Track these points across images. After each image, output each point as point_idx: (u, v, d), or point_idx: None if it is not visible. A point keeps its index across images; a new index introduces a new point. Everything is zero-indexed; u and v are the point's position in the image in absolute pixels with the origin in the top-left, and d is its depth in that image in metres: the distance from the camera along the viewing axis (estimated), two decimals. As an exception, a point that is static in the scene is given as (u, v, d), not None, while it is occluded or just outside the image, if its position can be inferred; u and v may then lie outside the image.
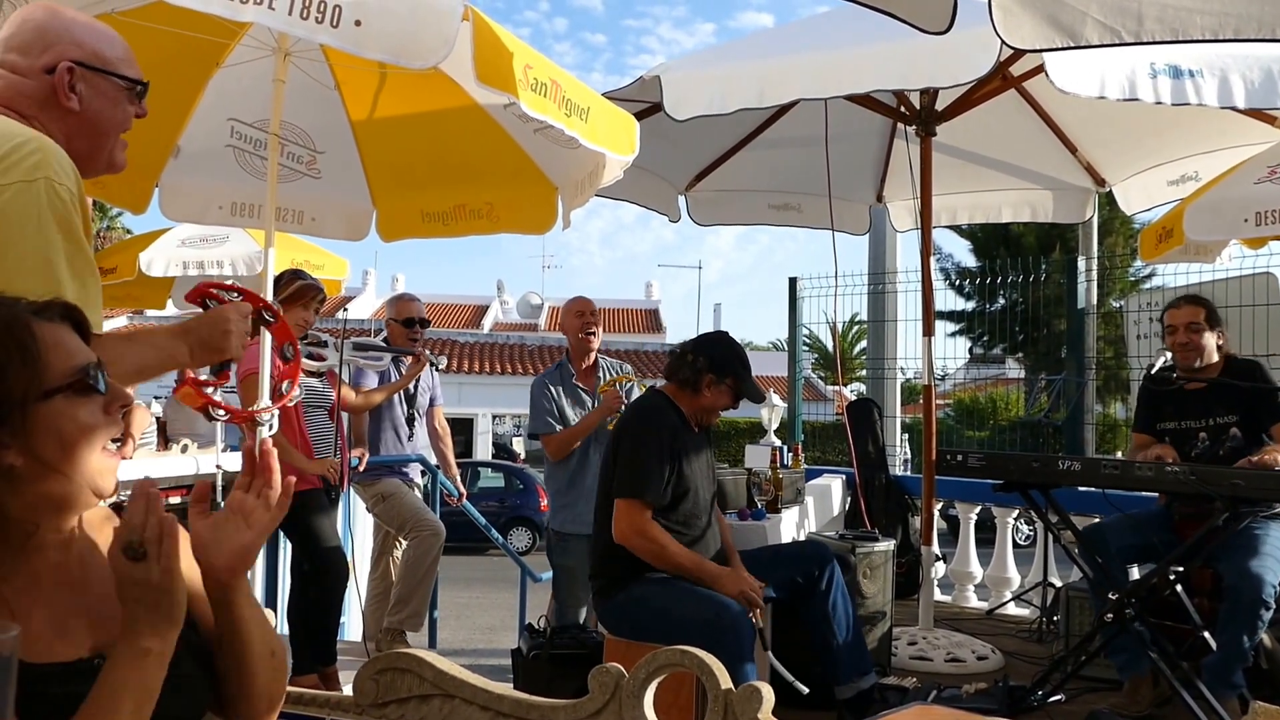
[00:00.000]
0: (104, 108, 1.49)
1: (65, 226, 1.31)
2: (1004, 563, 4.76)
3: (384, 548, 4.64)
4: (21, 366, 0.96)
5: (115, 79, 1.49)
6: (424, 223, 3.85)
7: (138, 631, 0.94)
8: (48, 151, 1.33)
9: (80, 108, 1.46)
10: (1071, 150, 4.65)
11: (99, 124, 1.49)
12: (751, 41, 3.97)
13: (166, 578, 0.93)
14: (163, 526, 0.92)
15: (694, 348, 2.90)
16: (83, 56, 1.46)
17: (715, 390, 2.83)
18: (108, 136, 1.51)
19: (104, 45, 1.50)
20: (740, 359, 2.87)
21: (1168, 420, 3.25)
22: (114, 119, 1.51)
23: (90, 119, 1.47)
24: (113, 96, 1.50)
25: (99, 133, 1.49)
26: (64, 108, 1.44)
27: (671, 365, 2.92)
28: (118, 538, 0.94)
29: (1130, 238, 14.28)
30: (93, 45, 1.48)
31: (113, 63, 1.49)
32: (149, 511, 0.92)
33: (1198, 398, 3.19)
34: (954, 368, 14.41)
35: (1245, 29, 1.79)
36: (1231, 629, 2.77)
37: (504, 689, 1.32)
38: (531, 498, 15.50)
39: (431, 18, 2.13)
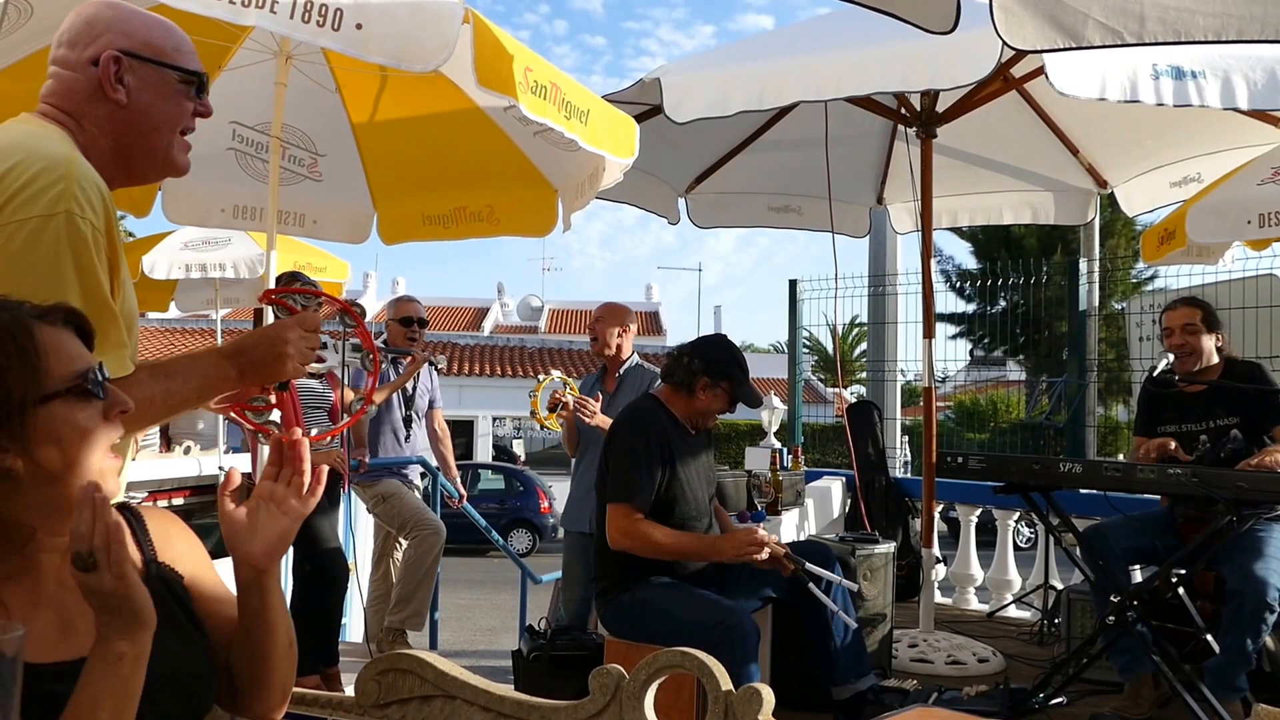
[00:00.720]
0: (155, 100, 1.37)
1: (84, 272, 1.21)
2: (1005, 565, 4.76)
3: (385, 549, 4.64)
4: (21, 370, 0.96)
5: (167, 69, 1.38)
6: (425, 225, 3.85)
7: (107, 636, 0.93)
8: (71, 180, 1.22)
9: (128, 100, 1.35)
10: (1073, 152, 4.64)
11: (149, 118, 1.37)
12: (752, 43, 3.97)
13: (120, 584, 0.91)
14: (109, 533, 0.90)
15: (690, 350, 2.88)
16: (131, 46, 1.35)
17: (710, 393, 2.82)
18: (160, 133, 1.39)
19: (156, 34, 1.39)
20: (736, 362, 2.85)
21: (1168, 423, 3.25)
22: (166, 113, 1.39)
23: (140, 113, 1.36)
24: (165, 89, 1.38)
25: (150, 128, 1.38)
26: (111, 100, 1.34)
27: (667, 367, 2.91)
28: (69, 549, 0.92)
29: (1132, 239, 14.28)
30: (144, 34, 1.37)
31: (166, 53, 1.39)
32: (95, 518, 0.90)
33: (1198, 400, 3.18)
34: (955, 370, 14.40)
35: (1248, 30, 1.79)
36: (1235, 632, 2.77)
37: (505, 690, 1.32)
38: (532, 500, 15.50)
39: (432, 21, 2.13)
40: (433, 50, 2.12)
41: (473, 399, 20.75)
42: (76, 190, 1.22)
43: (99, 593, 0.91)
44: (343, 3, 2.05)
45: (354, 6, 2.06)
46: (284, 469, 1.14)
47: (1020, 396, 14.75)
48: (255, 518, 1.11)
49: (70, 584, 1.02)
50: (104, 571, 0.90)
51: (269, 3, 1.97)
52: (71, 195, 1.21)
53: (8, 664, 0.77)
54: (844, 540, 3.67)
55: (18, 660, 0.78)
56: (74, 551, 0.90)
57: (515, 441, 22.90)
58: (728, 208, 5.13)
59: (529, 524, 15.27)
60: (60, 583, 1.02)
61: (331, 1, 2.04)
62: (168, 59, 1.39)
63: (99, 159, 1.35)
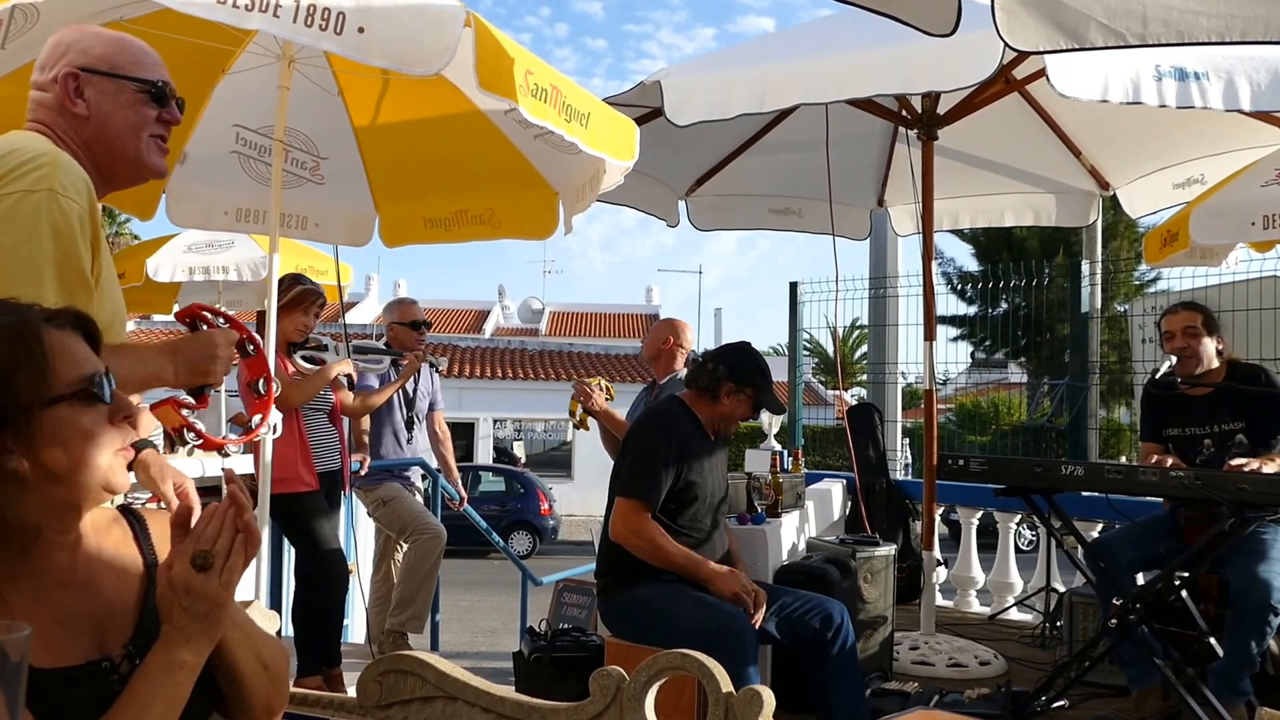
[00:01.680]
0: (113, 110, 1.48)
1: (61, 238, 1.32)
2: (1006, 568, 4.75)
3: (386, 550, 4.64)
4: (29, 372, 0.96)
5: (123, 80, 1.49)
6: (426, 228, 3.86)
7: (175, 643, 0.95)
8: (57, 166, 1.35)
9: (89, 112, 1.47)
10: (1075, 153, 4.64)
11: (110, 127, 1.49)
12: (752, 46, 3.97)
13: (224, 592, 0.96)
14: (234, 543, 0.97)
15: (715, 356, 2.91)
16: (88, 62, 1.47)
17: (734, 399, 2.84)
18: (123, 139, 1.50)
19: (114, 50, 1.50)
20: (761, 370, 2.88)
21: (1172, 426, 3.24)
22: (127, 121, 1.50)
23: (100, 123, 1.48)
24: (123, 99, 1.49)
25: (112, 136, 1.49)
26: (73, 114, 1.46)
27: (692, 372, 2.94)
28: (185, 545, 0.97)
29: (1135, 241, 14.27)
30: (100, 50, 1.49)
31: (121, 65, 1.49)
32: (224, 528, 0.97)
33: (1202, 404, 3.17)
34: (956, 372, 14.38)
35: (1252, 31, 1.79)
36: (1239, 635, 2.76)
37: (506, 691, 1.32)
38: (532, 502, 15.50)
39: (434, 25, 2.14)
40: (434, 54, 2.12)
41: (473, 401, 20.76)
42: (60, 174, 1.34)
43: (201, 595, 0.95)
44: (345, 7, 2.05)
45: (356, 10, 2.06)
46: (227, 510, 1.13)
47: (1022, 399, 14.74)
48: None
49: (74, 586, 1.02)
50: (215, 576, 0.95)
51: (272, 7, 1.98)
52: (54, 178, 1.33)
53: (12, 665, 0.77)
54: (844, 543, 3.67)
55: (23, 661, 0.78)
56: (196, 550, 0.96)
57: (516, 444, 22.92)
58: (728, 210, 5.13)
59: (529, 526, 15.26)
60: (64, 585, 1.02)
61: (334, 5, 2.04)
62: (122, 71, 1.50)
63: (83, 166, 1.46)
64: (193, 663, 0.96)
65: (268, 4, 1.98)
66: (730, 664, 1.30)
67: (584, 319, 30.98)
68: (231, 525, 0.98)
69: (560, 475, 20.82)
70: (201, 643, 0.97)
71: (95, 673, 0.98)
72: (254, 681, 1.12)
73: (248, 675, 1.11)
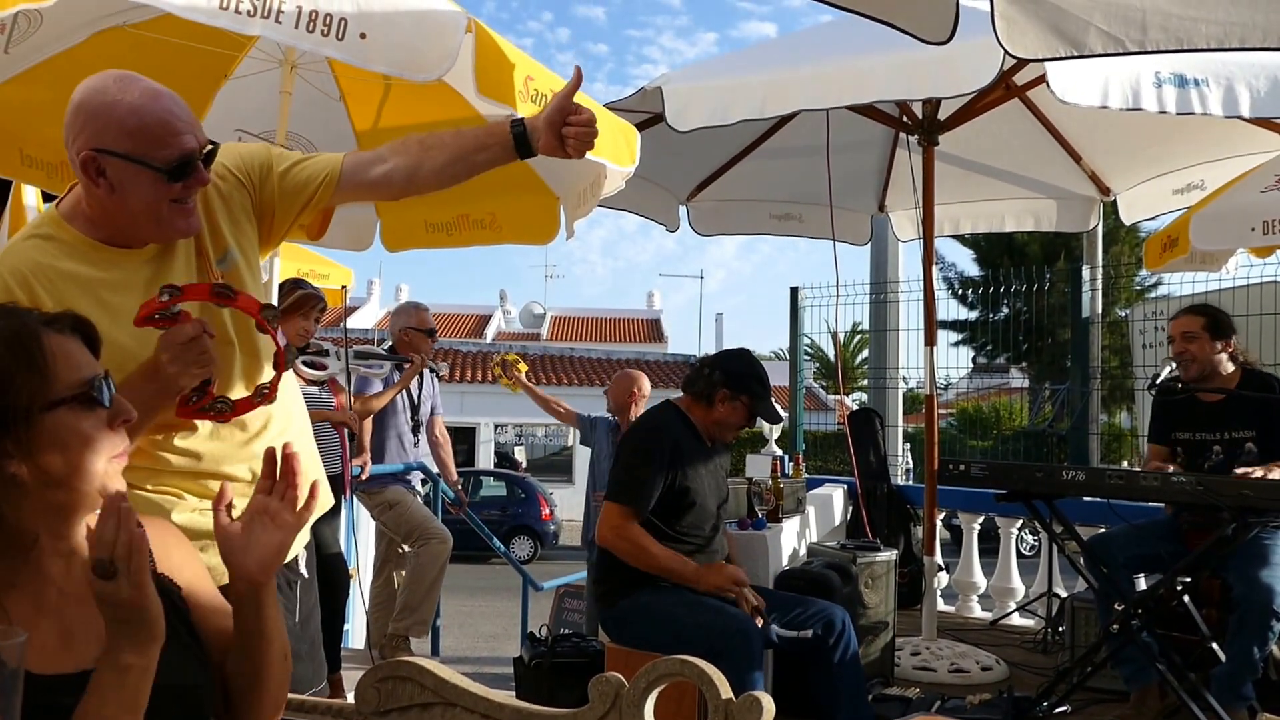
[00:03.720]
0: (135, 192, 1.43)
1: None
2: (1008, 573, 4.74)
3: (388, 555, 4.64)
4: (28, 376, 0.96)
5: (140, 165, 1.42)
6: (427, 233, 3.86)
7: (117, 647, 0.93)
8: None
9: (113, 190, 1.43)
10: (1076, 159, 4.65)
11: (131, 204, 1.44)
12: (754, 52, 3.98)
13: (138, 594, 0.91)
14: (132, 543, 0.91)
15: (712, 362, 2.91)
16: (104, 144, 1.41)
17: (729, 406, 2.83)
18: (145, 216, 1.46)
19: (132, 129, 1.41)
20: (758, 378, 2.87)
21: (1181, 430, 3.22)
22: (145, 200, 1.44)
23: (123, 200, 1.44)
24: (142, 179, 1.43)
25: (135, 212, 1.45)
26: (96, 194, 1.44)
27: (689, 377, 2.94)
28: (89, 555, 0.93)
29: (1136, 246, 14.27)
30: (116, 131, 1.40)
31: (139, 150, 1.42)
32: (119, 528, 0.91)
33: (1213, 410, 3.15)
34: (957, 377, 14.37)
35: (1250, 38, 1.79)
36: (1241, 640, 2.76)
37: (505, 697, 1.32)
38: (533, 507, 15.48)
39: (435, 31, 2.14)
40: (436, 60, 2.13)
41: (474, 406, 20.74)
42: None
43: (115, 602, 0.91)
44: (347, 12, 2.06)
45: (358, 16, 2.06)
46: (278, 482, 1.13)
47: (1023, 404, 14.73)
48: (250, 532, 1.10)
49: (72, 593, 1.02)
50: (123, 581, 0.90)
51: (274, 13, 1.98)
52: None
53: (9, 672, 0.77)
54: (845, 548, 3.66)
55: (19, 668, 0.78)
56: (95, 559, 0.90)
57: (517, 449, 22.90)
58: (729, 215, 5.14)
59: (530, 531, 15.23)
60: (63, 592, 1.02)
61: (336, 11, 2.05)
62: (140, 155, 1.41)
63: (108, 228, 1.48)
64: (140, 664, 0.93)
65: (270, 10, 1.99)
66: (734, 668, 1.30)
67: (586, 324, 30.98)
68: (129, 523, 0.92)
69: (561, 480, 20.80)
70: (143, 645, 0.93)
71: None
72: (276, 670, 1.13)
73: (275, 663, 1.12)
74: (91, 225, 1.48)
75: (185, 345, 1.39)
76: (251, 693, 1.12)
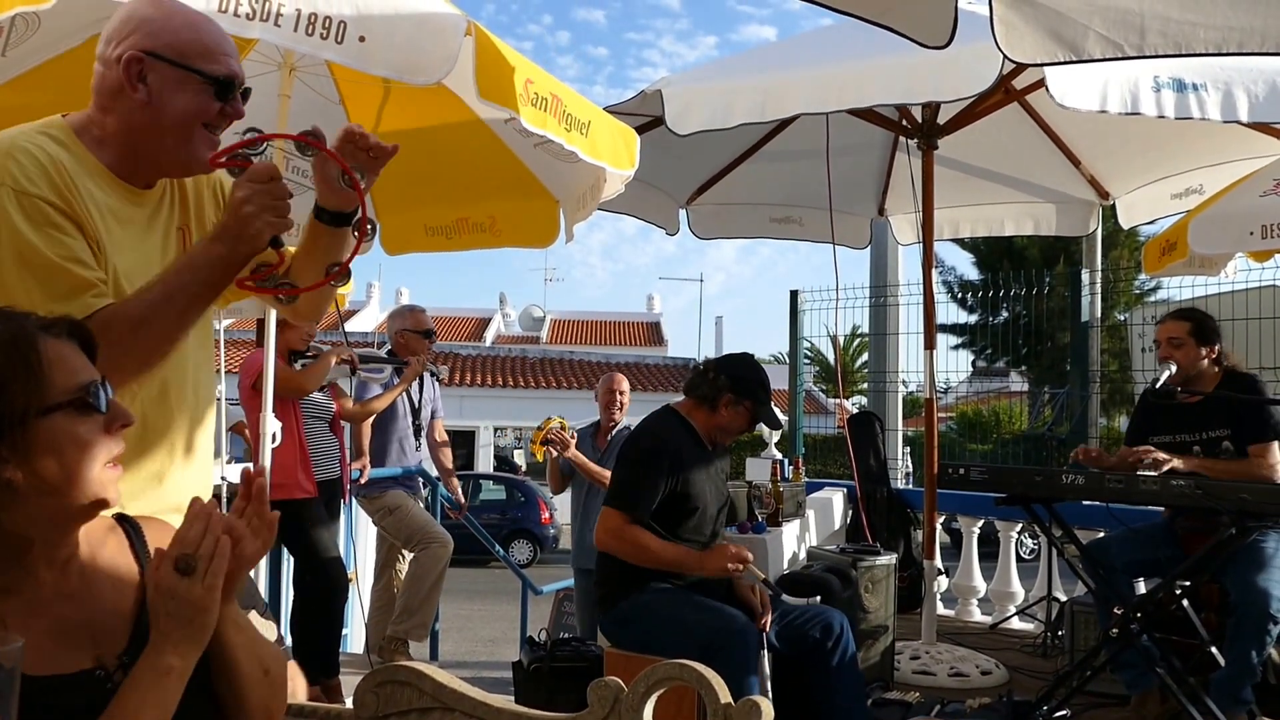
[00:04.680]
0: (175, 101, 1.38)
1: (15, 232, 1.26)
2: (1007, 577, 4.74)
3: (387, 559, 4.64)
4: (24, 381, 0.96)
5: (189, 72, 1.38)
6: (427, 236, 3.86)
7: (163, 648, 0.95)
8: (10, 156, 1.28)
9: (149, 99, 1.37)
10: (1075, 163, 4.65)
11: (166, 116, 1.38)
12: (753, 55, 3.99)
13: (207, 596, 0.96)
14: (217, 548, 0.97)
15: (716, 366, 2.90)
16: (154, 46, 1.36)
17: (732, 410, 2.83)
18: (179, 132, 1.40)
19: (185, 35, 1.39)
20: (761, 383, 2.87)
21: (1162, 434, 3.25)
22: (185, 110, 1.39)
23: (158, 111, 1.38)
24: (187, 89, 1.38)
25: (167, 126, 1.39)
26: (132, 99, 1.37)
27: (692, 381, 2.92)
28: (169, 550, 0.97)
29: (1135, 250, 14.25)
30: (170, 36, 1.38)
31: (189, 56, 1.38)
32: (205, 531, 0.97)
33: (1193, 412, 3.19)
34: (957, 381, 14.38)
35: (1249, 43, 1.79)
36: (1239, 645, 2.76)
37: (504, 702, 1.32)
38: (533, 510, 15.46)
39: (435, 34, 2.14)
40: (435, 63, 2.13)
41: (474, 409, 20.74)
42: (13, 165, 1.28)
43: (184, 599, 0.95)
44: (346, 16, 2.06)
45: (357, 20, 2.07)
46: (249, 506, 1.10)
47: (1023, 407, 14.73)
48: None
49: (67, 597, 1.02)
50: (198, 580, 0.95)
51: (273, 16, 1.99)
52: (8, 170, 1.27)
53: (6, 676, 0.77)
54: (845, 552, 3.66)
55: (16, 672, 0.78)
56: (179, 555, 0.95)
57: (516, 452, 22.87)
58: (729, 218, 5.14)
59: (530, 535, 15.22)
60: (58, 595, 1.01)
61: (335, 15, 2.05)
62: (189, 62, 1.38)
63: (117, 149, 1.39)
64: (180, 668, 0.95)
65: (269, 13, 1.99)
66: (732, 671, 1.29)
67: (585, 327, 30.99)
68: (216, 529, 0.97)
69: (561, 484, 20.76)
70: (188, 648, 0.96)
71: (89, 682, 0.97)
72: (255, 686, 1.11)
73: (249, 679, 1.10)
74: (100, 147, 1.40)
75: (267, 185, 1.33)
76: (234, 709, 1.11)
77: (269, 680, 1.13)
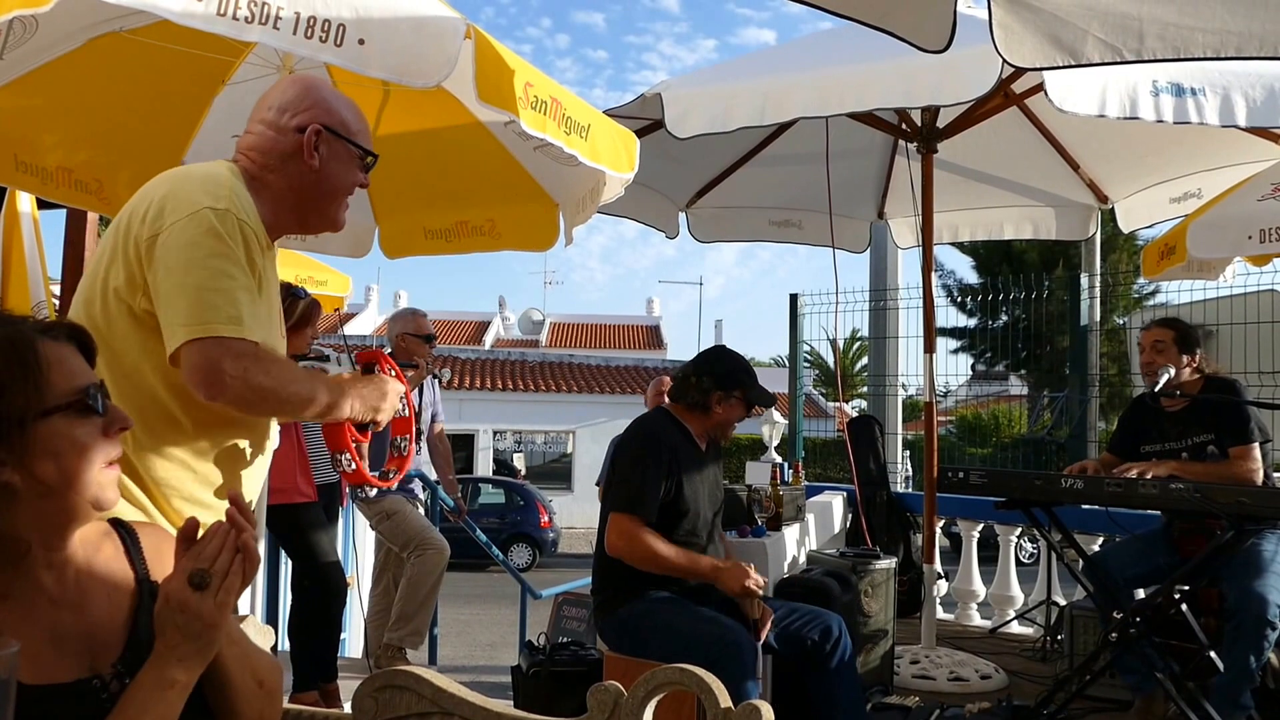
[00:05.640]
0: (338, 171, 1.66)
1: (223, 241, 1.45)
2: (1007, 581, 4.74)
3: (386, 564, 4.62)
4: (23, 384, 0.96)
5: (353, 146, 1.67)
6: (426, 239, 3.86)
7: (168, 661, 0.95)
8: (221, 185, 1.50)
9: (319, 167, 1.62)
10: (1074, 167, 4.65)
11: (331, 183, 1.65)
12: (753, 59, 3.99)
13: (218, 613, 0.96)
14: (232, 565, 0.97)
15: (695, 370, 2.88)
16: (331, 123, 1.64)
17: (725, 406, 2.83)
18: (336, 196, 1.68)
19: (349, 116, 1.68)
20: (743, 368, 2.87)
21: (1152, 443, 3.26)
22: (345, 182, 1.68)
23: (326, 178, 1.64)
24: (347, 162, 1.67)
25: (329, 190, 1.66)
26: (306, 164, 1.61)
27: (677, 389, 2.91)
28: (184, 562, 0.97)
29: (1134, 254, 14.27)
30: (341, 115, 1.66)
31: (354, 133, 1.67)
32: (223, 548, 0.97)
33: (1177, 419, 3.21)
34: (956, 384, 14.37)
35: (1247, 47, 1.79)
36: (1237, 650, 2.76)
37: (503, 706, 1.31)
38: (532, 514, 15.45)
39: (434, 37, 2.14)
40: (435, 66, 2.12)
41: (473, 413, 20.73)
42: (231, 195, 1.50)
43: (195, 614, 0.95)
44: (345, 19, 2.06)
45: (356, 22, 2.06)
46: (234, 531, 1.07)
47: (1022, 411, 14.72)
48: None
49: (64, 603, 1.01)
50: (210, 596, 0.95)
51: (271, 19, 1.98)
52: (228, 197, 1.49)
53: (1, 682, 0.77)
54: (845, 556, 3.66)
55: (11, 680, 0.78)
56: (193, 569, 0.96)
57: (516, 456, 22.87)
58: (729, 222, 5.14)
59: (529, 538, 15.20)
60: (54, 602, 1.01)
61: (334, 17, 2.05)
62: (354, 138, 1.68)
63: (275, 205, 1.62)
64: (184, 681, 0.95)
65: (267, 16, 1.99)
66: (730, 677, 1.29)
67: (585, 330, 30.99)
68: (232, 546, 0.98)
69: (560, 488, 20.77)
70: (194, 662, 0.96)
71: (84, 691, 0.97)
72: (248, 698, 1.11)
73: (242, 691, 1.10)
74: (258, 198, 1.59)
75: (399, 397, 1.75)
76: (228, 717, 1.11)
77: (263, 692, 1.13)
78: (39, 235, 3.71)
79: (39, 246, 3.68)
